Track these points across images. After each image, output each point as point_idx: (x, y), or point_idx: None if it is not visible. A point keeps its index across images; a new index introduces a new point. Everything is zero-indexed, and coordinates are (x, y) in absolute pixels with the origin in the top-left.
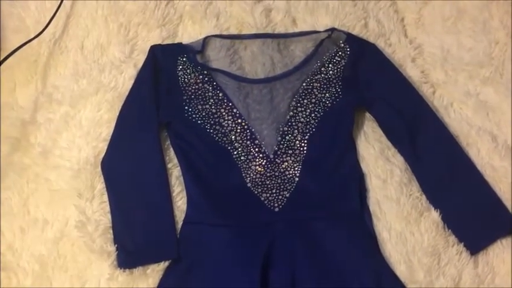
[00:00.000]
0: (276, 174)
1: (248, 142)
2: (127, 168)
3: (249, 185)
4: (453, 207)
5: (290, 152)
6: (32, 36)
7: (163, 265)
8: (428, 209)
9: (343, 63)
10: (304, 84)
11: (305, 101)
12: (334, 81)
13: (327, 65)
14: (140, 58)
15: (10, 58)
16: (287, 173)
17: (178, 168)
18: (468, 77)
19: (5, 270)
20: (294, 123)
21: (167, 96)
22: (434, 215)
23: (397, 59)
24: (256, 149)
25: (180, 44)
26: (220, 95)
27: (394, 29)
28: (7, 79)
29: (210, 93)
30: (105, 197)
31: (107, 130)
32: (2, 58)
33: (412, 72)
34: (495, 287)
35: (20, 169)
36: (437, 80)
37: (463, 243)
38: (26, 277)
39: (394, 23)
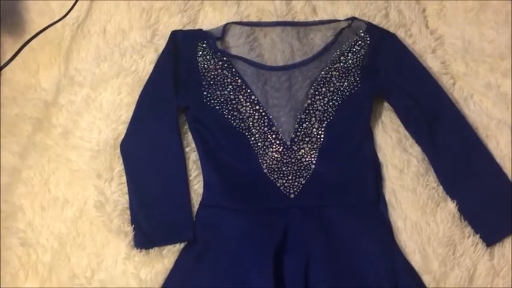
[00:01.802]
0: (293, 161)
1: (265, 129)
2: (145, 150)
3: (265, 171)
4: (470, 198)
5: (307, 139)
6: (57, 19)
7: (179, 246)
8: (445, 199)
9: (363, 53)
10: (323, 72)
11: (323, 89)
12: (353, 70)
13: (346, 54)
14: (161, 43)
15: (34, 40)
16: (303, 160)
17: (196, 152)
18: (489, 69)
19: (25, 246)
20: (311, 111)
21: (186, 81)
22: (451, 205)
23: (418, 50)
24: (273, 136)
25: (200, 30)
26: (239, 81)
27: (415, 19)
28: (31, 61)
29: (228, 80)
30: (124, 179)
31: (126, 113)
32: (26, 40)
33: (432, 63)
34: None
35: (41, 149)
36: (457, 72)
37: (479, 234)
38: (44, 253)
39: (415, 13)
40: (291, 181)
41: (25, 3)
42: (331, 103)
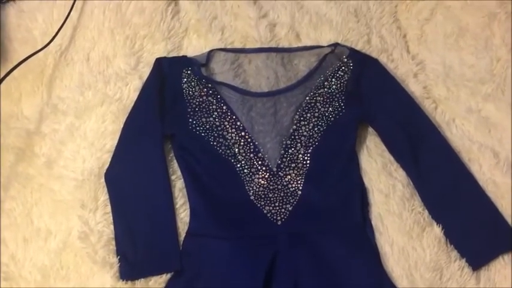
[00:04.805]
0: (279, 187)
1: (251, 155)
2: (131, 179)
3: (252, 197)
4: (455, 222)
5: (293, 165)
6: (39, 47)
7: (165, 277)
8: (431, 224)
9: (346, 78)
10: (307, 98)
11: (308, 114)
12: (337, 95)
13: (330, 79)
14: (145, 70)
15: (17, 69)
16: (290, 186)
17: (182, 180)
18: (470, 93)
19: (7, 280)
20: (297, 137)
21: (171, 108)
22: (437, 230)
23: (400, 75)
24: (260, 162)
25: (184, 57)
26: (224, 108)
27: (396, 44)
28: (13, 89)
29: (214, 106)
30: (109, 208)
31: (111, 141)
32: (9, 69)
33: (414, 88)
34: None
35: (24, 179)
36: (439, 96)
37: (464, 258)
38: (28, 287)
39: (396, 39)
40: (278, 208)
41: (7, 32)
42: (316, 128)
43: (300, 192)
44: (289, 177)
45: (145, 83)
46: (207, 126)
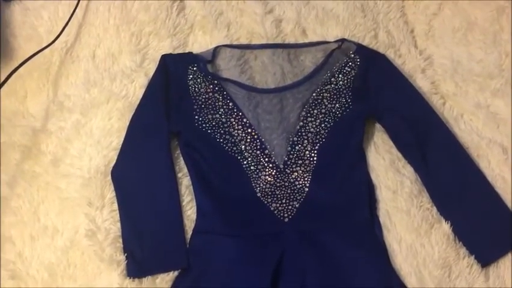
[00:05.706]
0: (286, 184)
1: (258, 152)
2: (137, 177)
3: (258, 194)
4: (464, 219)
5: (300, 162)
6: (44, 45)
7: (172, 275)
8: (439, 220)
9: (353, 74)
10: (314, 94)
11: (315, 111)
12: (344, 91)
13: (337, 75)
14: (151, 67)
15: (22, 66)
16: (297, 183)
17: (188, 177)
18: (478, 88)
19: (14, 278)
20: (303, 134)
21: (177, 105)
22: (445, 227)
23: (407, 70)
24: (266, 159)
25: (190, 54)
26: (231, 104)
27: (404, 40)
28: (19, 87)
29: (220, 103)
30: (115, 206)
31: (117, 139)
32: (14, 67)
33: (422, 83)
34: None
35: (30, 177)
36: (447, 91)
37: (473, 255)
38: (35, 285)
39: (404, 34)
40: (284, 205)
41: (12, 30)
42: (323, 125)
43: (307, 189)
44: (296, 174)
45: (151, 80)
46: (213, 123)
